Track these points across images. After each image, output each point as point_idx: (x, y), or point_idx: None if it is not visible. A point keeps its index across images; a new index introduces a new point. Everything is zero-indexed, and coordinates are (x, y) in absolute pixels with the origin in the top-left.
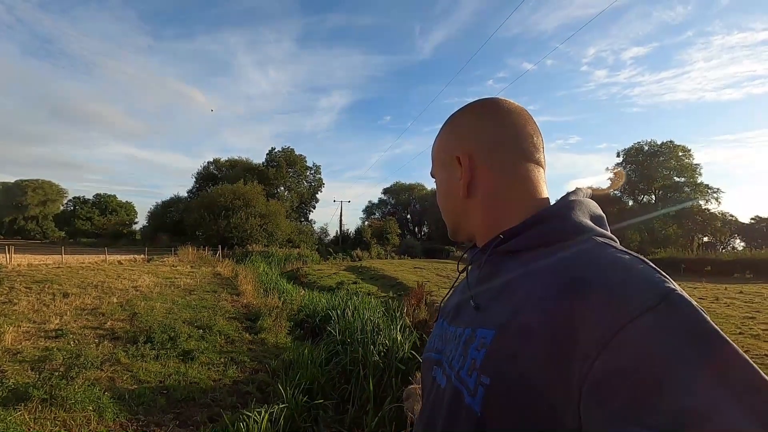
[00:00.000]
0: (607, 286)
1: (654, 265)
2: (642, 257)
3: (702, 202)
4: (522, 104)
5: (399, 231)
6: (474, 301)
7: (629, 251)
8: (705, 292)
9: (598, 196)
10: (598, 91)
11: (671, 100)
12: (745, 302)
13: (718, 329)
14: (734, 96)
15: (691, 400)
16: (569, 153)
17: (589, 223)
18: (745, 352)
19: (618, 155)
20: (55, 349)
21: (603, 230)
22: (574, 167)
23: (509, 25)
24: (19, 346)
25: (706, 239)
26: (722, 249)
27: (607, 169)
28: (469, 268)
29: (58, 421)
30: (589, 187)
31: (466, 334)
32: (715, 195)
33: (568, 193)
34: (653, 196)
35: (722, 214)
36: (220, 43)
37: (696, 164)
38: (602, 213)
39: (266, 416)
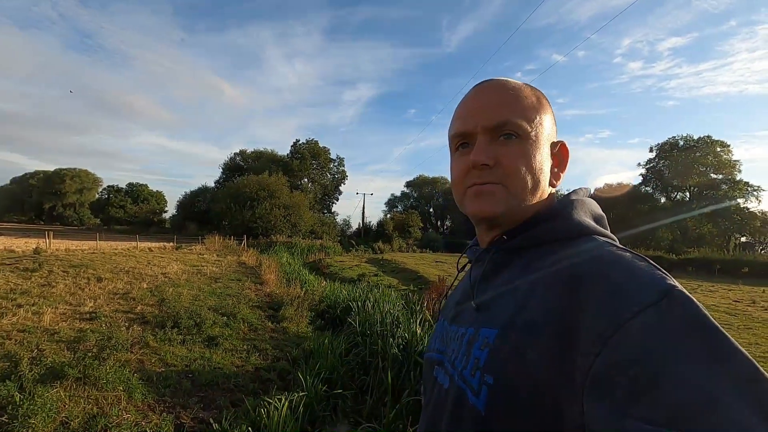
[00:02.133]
0: (610, 282)
1: (655, 263)
2: (643, 255)
3: (741, 201)
4: (552, 97)
5: (421, 224)
6: (475, 301)
7: (630, 250)
8: (741, 294)
9: (625, 192)
10: (632, 84)
11: (710, 93)
12: None
13: (718, 325)
14: None
15: (691, 394)
16: (599, 148)
17: (591, 222)
18: None
19: (651, 150)
20: (88, 331)
21: (604, 230)
22: (603, 162)
23: (540, 15)
24: (57, 327)
25: (743, 239)
26: (761, 250)
27: (639, 164)
28: (470, 266)
29: (91, 399)
30: (610, 185)
31: (468, 334)
32: (755, 193)
33: (570, 193)
34: (687, 194)
35: (762, 213)
36: (251, 37)
37: (735, 160)
38: (602, 213)
39: (286, 403)
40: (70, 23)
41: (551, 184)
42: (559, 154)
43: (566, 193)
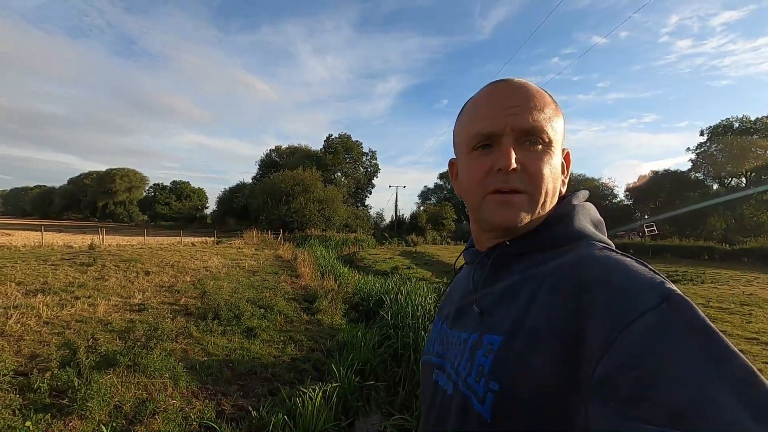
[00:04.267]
0: (611, 288)
1: (653, 268)
2: (641, 260)
3: None
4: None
5: (455, 216)
6: (478, 306)
7: (629, 255)
8: None
9: (672, 177)
10: (679, 64)
11: None
12: None
13: (716, 328)
14: None
15: (689, 395)
16: (643, 132)
17: (591, 228)
18: None
19: (702, 134)
20: (137, 322)
21: (602, 235)
22: (648, 148)
23: None
24: (109, 318)
25: None
26: None
27: (689, 149)
28: (470, 268)
29: (141, 385)
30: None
31: (472, 340)
32: None
33: (570, 197)
34: (743, 179)
35: None
36: (282, 33)
37: None
38: (601, 218)
39: (320, 393)
40: (117, 30)
41: (561, 190)
42: (565, 162)
43: (567, 196)
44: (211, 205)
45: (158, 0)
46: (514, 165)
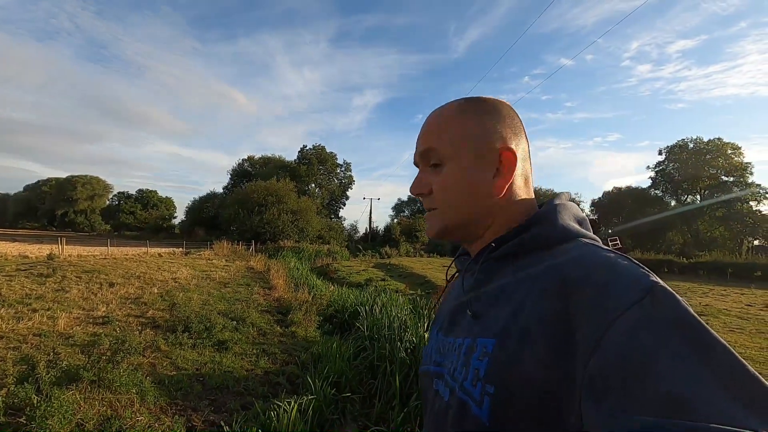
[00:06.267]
0: (596, 284)
1: (638, 262)
2: (626, 255)
3: (753, 204)
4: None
5: None
6: (471, 310)
7: (613, 250)
8: (754, 298)
9: (634, 194)
10: (640, 87)
11: (721, 95)
12: None
13: (701, 320)
14: None
15: (676, 387)
16: (608, 151)
17: (575, 226)
18: None
19: (660, 153)
20: (102, 335)
21: (587, 232)
22: (613, 166)
23: (547, 20)
24: (71, 331)
25: (756, 242)
26: None
27: (648, 167)
28: (460, 275)
29: (105, 402)
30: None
31: (466, 344)
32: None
33: (553, 198)
34: (698, 197)
35: None
36: (260, 45)
37: (747, 163)
38: (584, 216)
39: (295, 407)
40: (86, 34)
41: (492, 194)
42: (499, 161)
43: (550, 198)
44: (180, 215)
45: (131, 6)
46: (416, 192)
